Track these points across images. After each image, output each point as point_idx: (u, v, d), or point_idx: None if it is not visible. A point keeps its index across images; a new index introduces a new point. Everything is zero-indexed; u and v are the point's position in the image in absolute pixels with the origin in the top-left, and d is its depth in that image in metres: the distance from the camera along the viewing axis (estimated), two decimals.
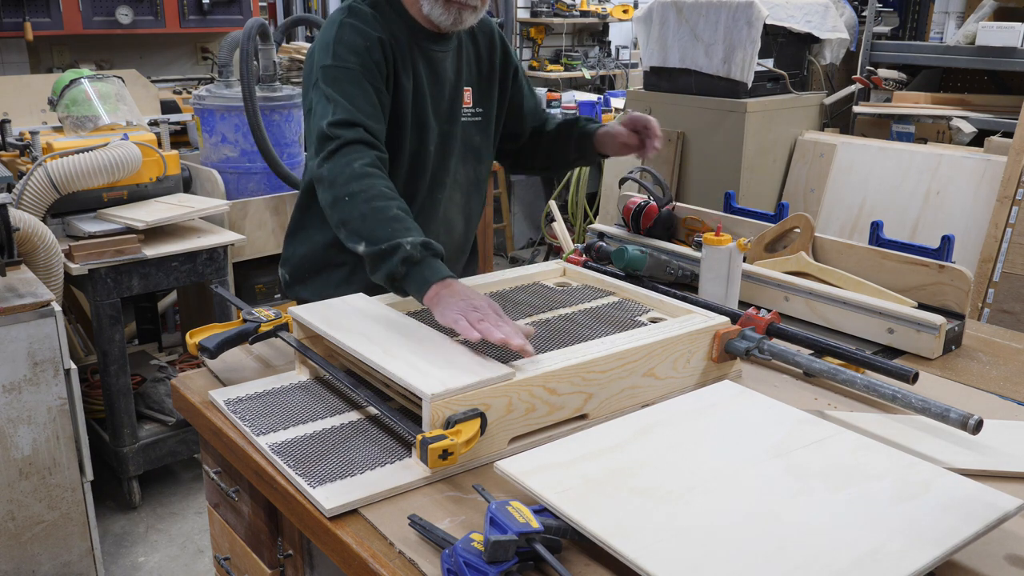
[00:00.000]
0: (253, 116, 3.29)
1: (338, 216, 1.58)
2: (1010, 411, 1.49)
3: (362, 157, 1.61)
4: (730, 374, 1.57)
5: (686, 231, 2.20)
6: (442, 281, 1.45)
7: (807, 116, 4.04)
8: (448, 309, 1.40)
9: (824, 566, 0.95)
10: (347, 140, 1.62)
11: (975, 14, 4.07)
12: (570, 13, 6.57)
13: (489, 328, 1.34)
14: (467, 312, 1.38)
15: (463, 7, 1.75)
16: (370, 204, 1.54)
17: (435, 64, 1.83)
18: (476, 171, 1.98)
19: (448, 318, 1.39)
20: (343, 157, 1.61)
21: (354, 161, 1.60)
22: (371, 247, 1.50)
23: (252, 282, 3.65)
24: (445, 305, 1.41)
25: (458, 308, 1.39)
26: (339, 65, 1.69)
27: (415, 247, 1.47)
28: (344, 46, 1.71)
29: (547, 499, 1.08)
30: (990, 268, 3.27)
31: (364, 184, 1.57)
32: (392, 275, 1.48)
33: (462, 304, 1.40)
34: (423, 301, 1.46)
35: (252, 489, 1.44)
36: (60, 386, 2.40)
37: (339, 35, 1.72)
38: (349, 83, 1.69)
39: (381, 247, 1.48)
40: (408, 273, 1.47)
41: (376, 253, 1.49)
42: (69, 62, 4.71)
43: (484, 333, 1.34)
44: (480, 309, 1.39)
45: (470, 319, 1.36)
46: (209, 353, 1.51)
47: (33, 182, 2.87)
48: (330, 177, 1.60)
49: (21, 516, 2.42)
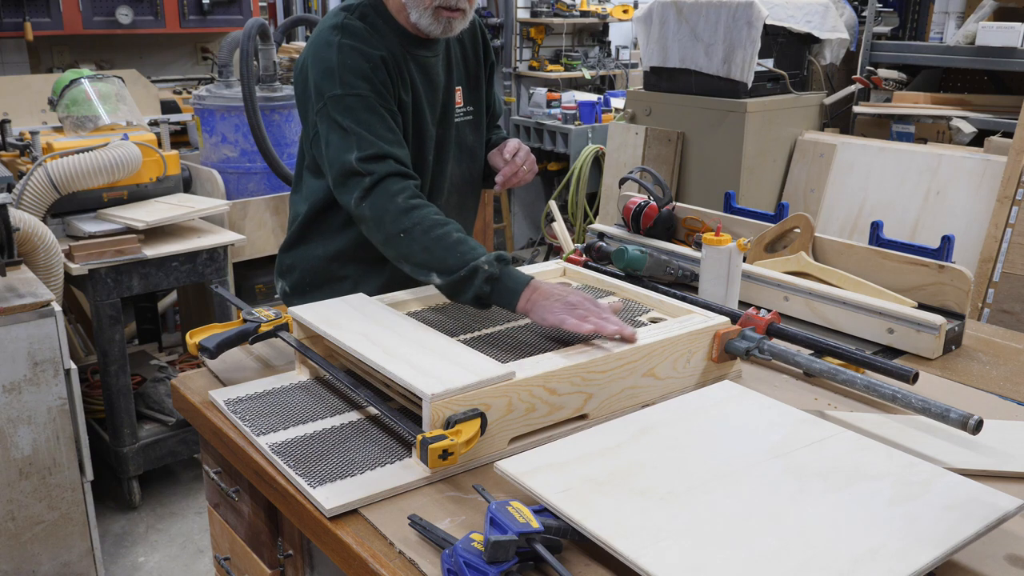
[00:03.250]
0: (253, 116, 3.29)
1: (396, 252, 1.62)
2: (1010, 411, 1.49)
3: (403, 190, 1.62)
4: (730, 374, 1.57)
5: (686, 231, 2.20)
6: (528, 287, 1.50)
7: (807, 116, 4.04)
8: (548, 312, 1.46)
9: (824, 566, 0.95)
10: (381, 175, 1.62)
11: (975, 14, 4.07)
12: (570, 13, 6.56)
13: (600, 323, 1.42)
14: (569, 311, 1.45)
15: (452, 14, 1.72)
16: (429, 235, 1.57)
17: (428, 70, 1.81)
18: (470, 170, 1.98)
19: (552, 319, 1.45)
20: (383, 193, 1.62)
21: (396, 196, 1.61)
22: (448, 276, 1.54)
23: (252, 282, 3.65)
24: (543, 308, 1.47)
25: (558, 308, 1.45)
26: (349, 94, 1.66)
27: (491, 264, 1.52)
28: (350, 72, 1.66)
29: (547, 499, 1.08)
30: (990, 268, 3.27)
31: (416, 217, 1.59)
32: (478, 295, 1.53)
33: (559, 304, 1.46)
34: (516, 310, 1.51)
35: (252, 489, 1.44)
36: (60, 386, 2.40)
37: (341, 59, 1.67)
38: (364, 111, 1.66)
39: (460, 274, 1.52)
40: (494, 289, 1.52)
41: (456, 281, 1.53)
42: (69, 62, 4.71)
43: (598, 328, 1.41)
44: (579, 305, 1.46)
45: (575, 316, 1.43)
46: (209, 353, 1.51)
47: (33, 182, 2.87)
48: (375, 216, 1.62)
49: (21, 516, 2.42)
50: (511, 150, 1.91)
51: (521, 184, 1.94)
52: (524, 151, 1.92)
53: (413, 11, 1.72)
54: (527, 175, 1.92)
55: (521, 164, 1.89)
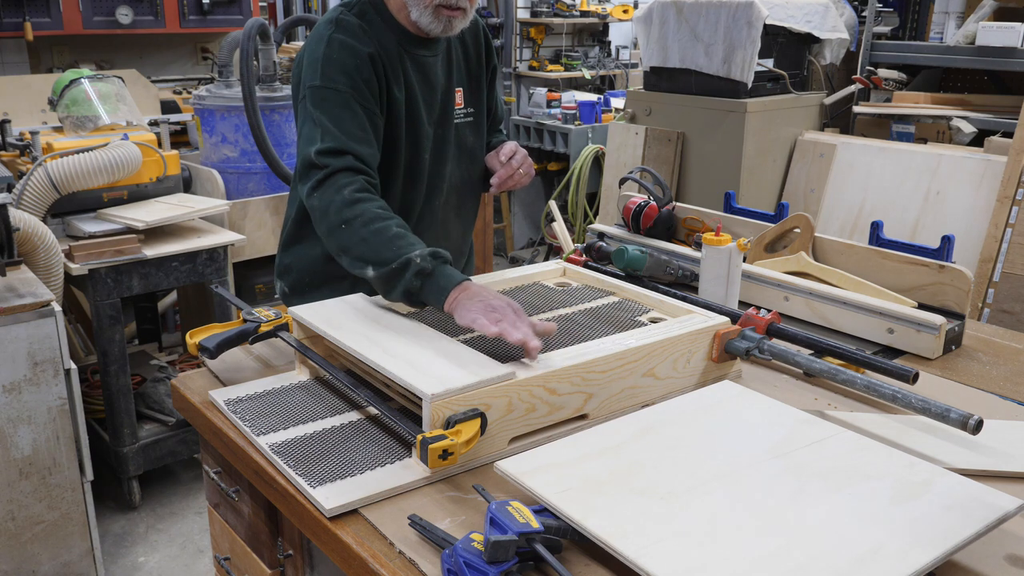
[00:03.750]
0: (253, 116, 3.29)
1: (337, 244, 1.60)
2: (1010, 411, 1.49)
3: (351, 183, 1.62)
4: (730, 374, 1.57)
5: (686, 231, 2.20)
6: (459, 285, 1.48)
7: (807, 116, 4.04)
8: (466, 311, 1.43)
9: (824, 566, 0.95)
10: (335, 169, 1.62)
11: (975, 14, 4.07)
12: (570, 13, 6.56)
13: (507, 328, 1.37)
14: (485, 312, 1.41)
15: (453, 13, 1.72)
16: (368, 227, 1.56)
17: (426, 70, 1.81)
18: (470, 172, 1.97)
19: (467, 318, 1.42)
20: (332, 186, 1.62)
21: (343, 188, 1.61)
22: (380, 269, 1.52)
23: (252, 282, 3.65)
24: (463, 307, 1.44)
25: (477, 308, 1.42)
26: (327, 87, 1.67)
27: (425, 259, 1.49)
28: (333, 65, 1.67)
29: (547, 499, 1.08)
30: (990, 268, 3.27)
31: (358, 210, 1.58)
32: (408, 290, 1.50)
33: (480, 304, 1.43)
34: (443, 308, 1.48)
35: (252, 489, 1.44)
36: (60, 386, 2.40)
37: (328, 53, 1.68)
38: (338, 106, 1.66)
39: (391, 266, 1.50)
40: (424, 285, 1.49)
41: (387, 273, 1.51)
42: (69, 62, 4.71)
43: (503, 333, 1.36)
44: (499, 309, 1.42)
45: (488, 318, 1.40)
46: (209, 353, 1.51)
47: (33, 182, 2.87)
48: (322, 207, 1.62)
49: (21, 516, 2.42)
50: (507, 152, 1.91)
51: (517, 187, 1.94)
52: (521, 154, 1.91)
53: (413, 9, 1.72)
54: (523, 178, 1.91)
55: (517, 167, 1.89)
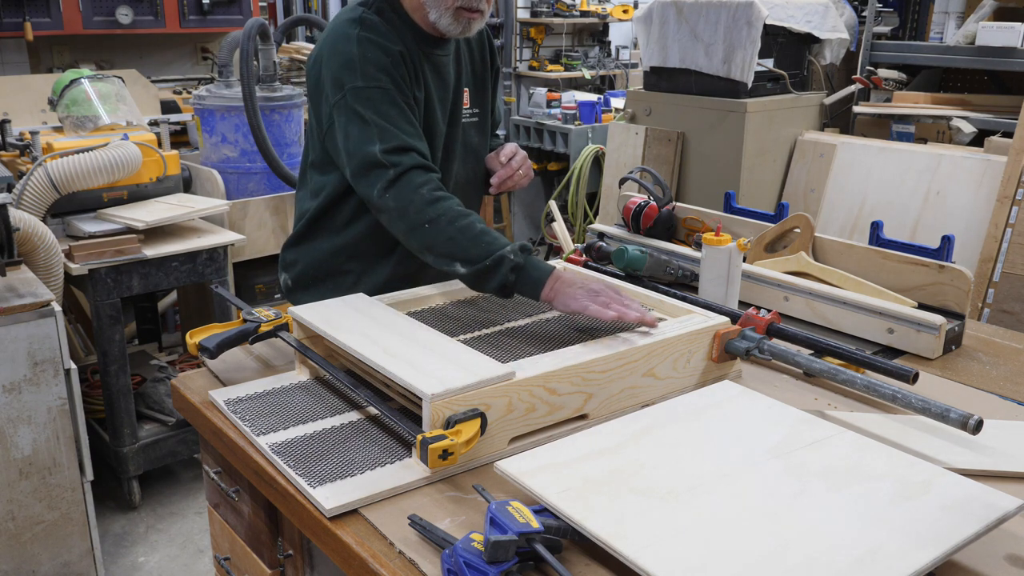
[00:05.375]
0: (253, 116, 3.29)
1: (420, 242, 1.63)
2: (1010, 411, 1.49)
3: (427, 182, 1.63)
4: (730, 374, 1.57)
5: (686, 231, 2.20)
6: (551, 275, 1.54)
7: (807, 116, 4.04)
8: (571, 299, 1.50)
9: (824, 566, 0.95)
10: (406, 167, 1.63)
11: (975, 14, 4.07)
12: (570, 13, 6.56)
13: (622, 310, 1.47)
14: (591, 297, 1.49)
15: (472, 15, 1.73)
16: (454, 225, 1.59)
17: (440, 69, 1.82)
18: (475, 171, 1.98)
19: (575, 306, 1.49)
20: (407, 185, 1.62)
21: (420, 187, 1.62)
22: (473, 266, 1.56)
23: (252, 282, 3.65)
24: (566, 296, 1.51)
25: (581, 295, 1.50)
26: (372, 86, 1.66)
27: (516, 253, 1.55)
28: (371, 64, 1.67)
29: (547, 499, 1.08)
30: (990, 268, 3.27)
31: (440, 208, 1.60)
32: (504, 285, 1.56)
33: (582, 291, 1.50)
34: (540, 298, 1.54)
35: (252, 489, 1.44)
36: (60, 386, 2.40)
37: (362, 52, 1.67)
38: (386, 104, 1.67)
39: (486, 263, 1.55)
40: (519, 279, 1.55)
41: (482, 270, 1.56)
42: (69, 62, 4.70)
43: (620, 315, 1.46)
44: (602, 292, 1.51)
45: (598, 303, 1.48)
46: (209, 353, 1.51)
47: (33, 182, 2.87)
48: (400, 207, 1.62)
49: (21, 516, 2.42)
50: (507, 154, 1.92)
51: (515, 189, 1.96)
52: (521, 156, 1.93)
53: (433, 11, 1.72)
54: (522, 180, 1.93)
55: (517, 168, 1.91)
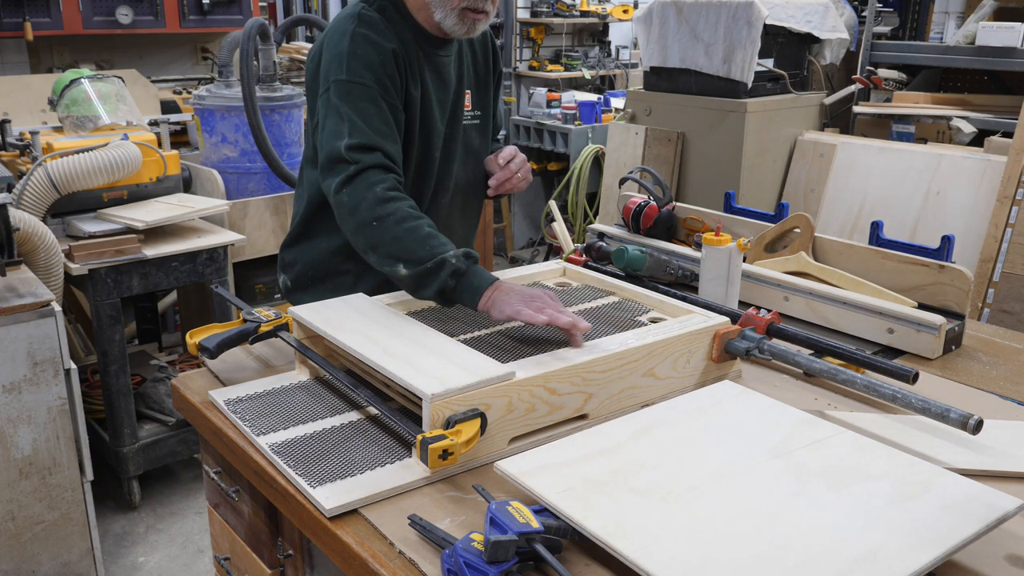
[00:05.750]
0: (253, 116, 3.29)
1: (366, 240, 1.61)
2: (1010, 411, 1.49)
3: (382, 181, 1.62)
4: (730, 374, 1.57)
5: (686, 231, 2.20)
6: (492, 284, 1.52)
7: (807, 116, 4.04)
8: (506, 304, 1.47)
9: (824, 566, 0.95)
10: (366, 165, 1.62)
11: (975, 14, 4.08)
12: (570, 13, 6.56)
13: (554, 314, 1.43)
14: (526, 302, 1.46)
15: (477, 16, 1.73)
16: (401, 226, 1.57)
17: (440, 69, 1.82)
18: (475, 173, 1.98)
19: (509, 311, 1.46)
20: (363, 182, 1.62)
21: (375, 185, 1.61)
22: (414, 267, 1.54)
23: (252, 282, 3.65)
24: (501, 303, 1.48)
25: (516, 300, 1.47)
26: (354, 81, 1.66)
27: (459, 259, 1.53)
28: (359, 60, 1.67)
29: (547, 499, 1.08)
30: (990, 268, 3.27)
31: (390, 208, 1.59)
32: (443, 289, 1.54)
33: (518, 297, 1.48)
34: (478, 307, 1.51)
35: (252, 489, 1.44)
36: (60, 386, 2.40)
37: (352, 48, 1.67)
38: (364, 101, 1.66)
39: (426, 265, 1.53)
40: (458, 285, 1.53)
41: (422, 272, 1.54)
42: (69, 62, 4.71)
43: (552, 319, 1.42)
44: (538, 298, 1.48)
45: (531, 308, 1.45)
46: (209, 353, 1.51)
47: (33, 182, 2.87)
48: (352, 203, 1.62)
49: (21, 516, 2.42)
50: (506, 157, 1.92)
51: (514, 191, 1.96)
52: (520, 159, 1.92)
53: (438, 11, 1.72)
54: (520, 183, 1.92)
55: (515, 171, 1.90)
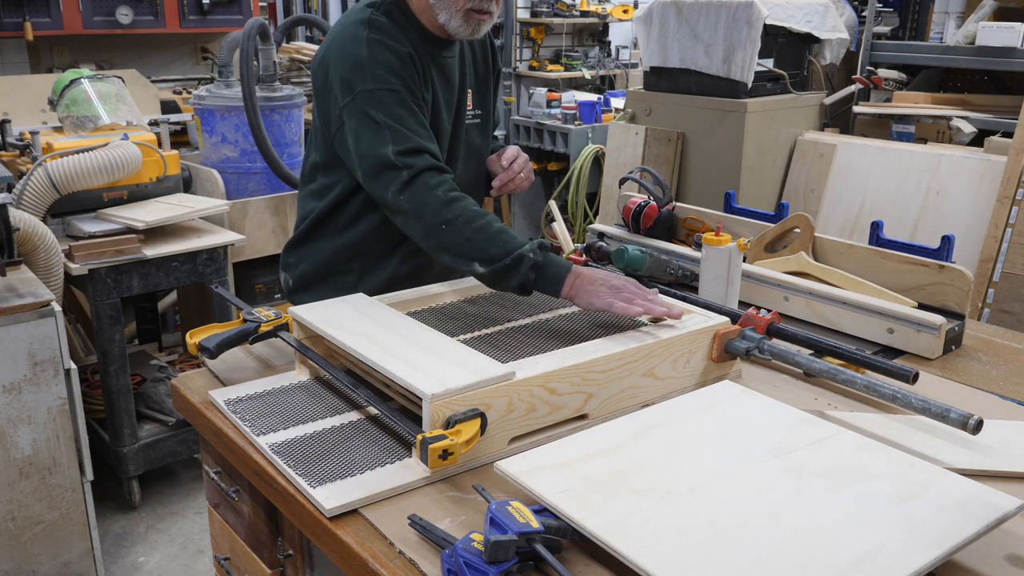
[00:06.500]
0: (253, 116, 3.29)
1: (438, 243, 1.63)
2: (1010, 411, 1.49)
3: (442, 183, 1.64)
4: (730, 374, 1.57)
5: (686, 231, 2.20)
6: (571, 272, 1.57)
7: (807, 116, 4.04)
8: (595, 297, 1.52)
9: (824, 566, 0.95)
10: (420, 168, 1.63)
11: (975, 14, 4.07)
12: (570, 13, 6.56)
13: (648, 305, 1.50)
14: (614, 294, 1.52)
15: (482, 17, 1.73)
16: (470, 226, 1.60)
17: (445, 70, 1.82)
18: (476, 172, 1.98)
19: (600, 303, 1.52)
20: (422, 186, 1.63)
21: (435, 188, 1.63)
22: (491, 265, 1.57)
23: (252, 282, 3.65)
24: (589, 293, 1.53)
25: (604, 292, 1.52)
26: (382, 88, 1.66)
27: (535, 252, 1.57)
28: (381, 66, 1.67)
29: (547, 499, 1.08)
30: (990, 268, 3.27)
31: (456, 209, 1.61)
32: (523, 283, 1.57)
33: (603, 288, 1.53)
34: (560, 295, 1.56)
35: (252, 489, 1.44)
36: (60, 386, 2.40)
37: (371, 54, 1.67)
38: (397, 106, 1.67)
39: (504, 263, 1.56)
40: (538, 277, 1.57)
41: (499, 269, 1.57)
42: (69, 62, 4.71)
43: (646, 309, 1.49)
44: (624, 288, 1.53)
45: (622, 299, 1.51)
46: (209, 353, 1.51)
47: (33, 182, 2.87)
48: (416, 208, 1.63)
49: (21, 516, 2.42)
50: (509, 157, 1.93)
51: (516, 191, 1.97)
52: (522, 159, 1.93)
53: (443, 13, 1.72)
54: (523, 183, 1.93)
55: (518, 172, 1.91)
